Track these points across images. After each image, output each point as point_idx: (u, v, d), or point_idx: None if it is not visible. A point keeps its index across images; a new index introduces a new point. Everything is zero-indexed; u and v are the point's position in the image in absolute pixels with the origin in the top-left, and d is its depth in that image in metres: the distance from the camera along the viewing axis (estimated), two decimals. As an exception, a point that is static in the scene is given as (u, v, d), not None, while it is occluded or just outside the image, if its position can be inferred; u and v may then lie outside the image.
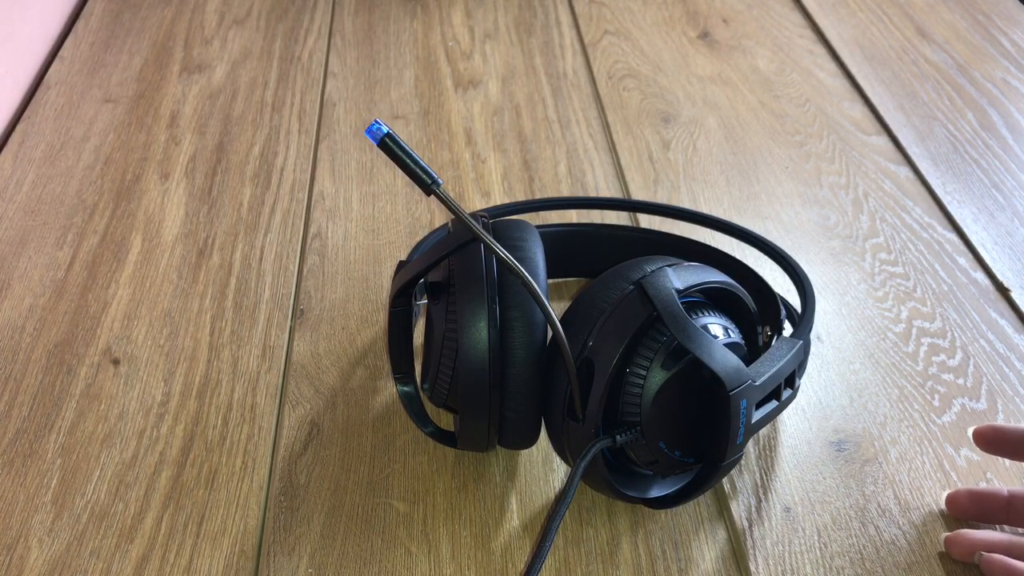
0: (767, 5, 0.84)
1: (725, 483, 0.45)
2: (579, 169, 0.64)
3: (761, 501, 0.44)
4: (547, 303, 0.37)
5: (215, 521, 0.43)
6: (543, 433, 0.42)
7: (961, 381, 0.50)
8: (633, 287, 0.38)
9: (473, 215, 0.39)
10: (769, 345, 0.42)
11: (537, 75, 0.74)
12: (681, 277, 0.38)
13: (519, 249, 0.40)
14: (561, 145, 0.67)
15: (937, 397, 0.49)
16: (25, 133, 0.69)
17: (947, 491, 0.44)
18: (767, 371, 0.38)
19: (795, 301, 0.49)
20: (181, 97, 0.72)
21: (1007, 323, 0.53)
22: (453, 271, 0.39)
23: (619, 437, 0.38)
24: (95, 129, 0.69)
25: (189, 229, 0.60)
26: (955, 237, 0.59)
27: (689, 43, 0.79)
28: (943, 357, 0.51)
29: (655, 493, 0.42)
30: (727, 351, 0.37)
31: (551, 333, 0.37)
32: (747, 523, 0.43)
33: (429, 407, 0.45)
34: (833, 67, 0.75)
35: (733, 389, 0.36)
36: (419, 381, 0.44)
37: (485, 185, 0.63)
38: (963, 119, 0.69)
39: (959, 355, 0.51)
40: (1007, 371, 0.50)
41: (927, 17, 0.82)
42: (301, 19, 0.82)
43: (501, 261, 0.37)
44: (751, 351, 0.42)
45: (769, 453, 0.46)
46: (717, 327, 0.39)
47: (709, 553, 0.42)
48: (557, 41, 0.79)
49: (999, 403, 0.48)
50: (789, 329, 0.46)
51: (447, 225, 0.47)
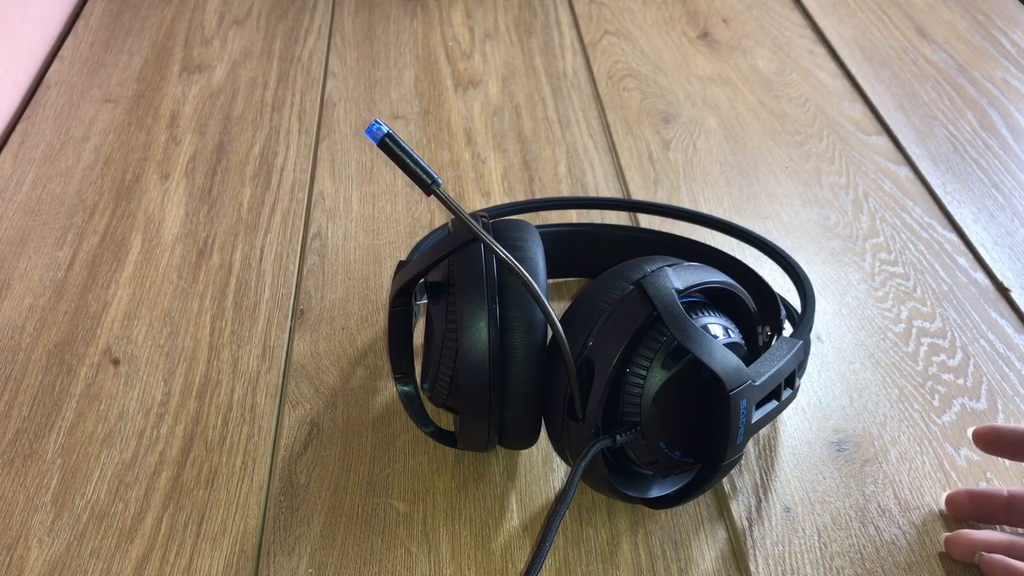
0: (767, 5, 0.84)
1: (725, 483, 0.45)
2: (579, 169, 0.64)
3: (761, 501, 0.44)
4: (547, 303, 0.37)
5: (215, 521, 0.43)
6: (543, 433, 0.42)
7: (961, 381, 0.50)
8: (633, 287, 0.38)
9: (473, 215, 0.39)
10: (769, 345, 0.42)
11: (537, 75, 0.74)
12: (681, 277, 0.38)
13: (519, 249, 0.40)
14: (561, 145, 0.67)
15: (937, 397, 0.49)
16: (25, 133, 0.69)
17: (947, 491, 0.44)
18: (767, 371, 0.38)
19: (795, 301, 0.49)
20: (181, 97, 0.72)
21: (1007, 323, 0.53)
22: (453, 271, 0.39)
23: (619, 437, 0.38)
24: (95, 129, 0.69)
25: (189, 229, 0.60)
26: (955, 237, 0.59)
27: (689, 43, 0.79)
28: (943, 357, 0.51)
29: (655, 493, 0.42)
30: (727, 351, 0.37)
31: (551, 333, 0.37)
32: (747, 523, 0.43)
33: (429, 407, 0.45)
34: (833, 67, 0.75)
35: (733, 389, 0.36)
36: (419, 381, 0.44)
37: (485, 185, 0.63)
38: (963, 119, 0.69)
39: (959, 355, 0.51)
40: (1007, 371, 0.50)
41: (927, 17, 0.82)
42: (301, 19, 0.82)
43: (501, 261, 0.37)
44: (751, 351, 0.42)
45: (769, 453, 0.46)
46: (717, 327, 0.39)
47: (709, 553, 0.42)
48: (557, 41, 0.79)
49: (999, 403, 0.48)
50: (789, 329, 0.46)
51: (447, 225, 0.47)
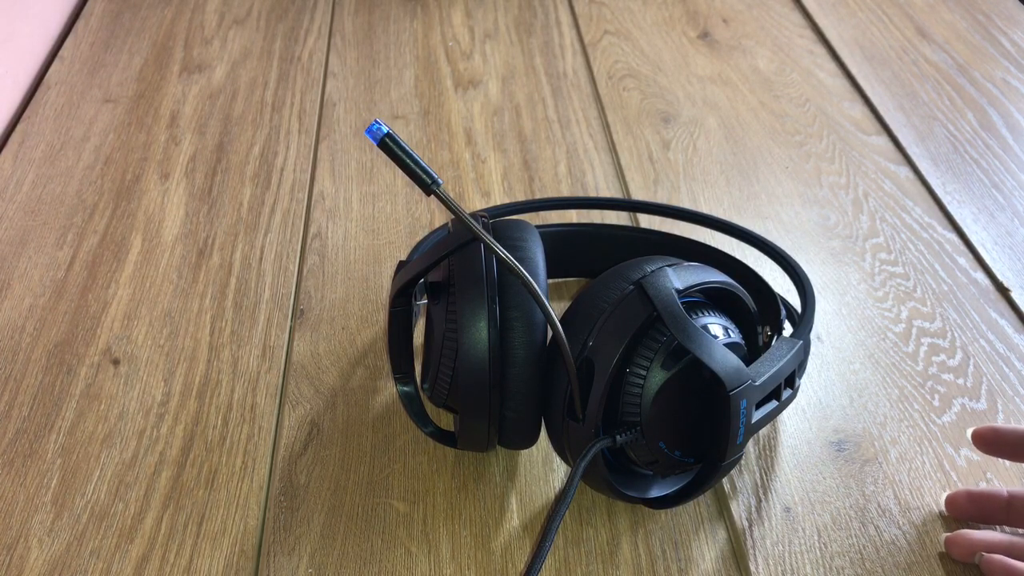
0: (767, 5, 0.84)
1: (725, 483, 0.45)
2: (579, 169, 0.64)
3: (761, 501, 0.44)
4: (547, 303, 0.37)
5: (215, 521, 0.43)
6: (543, 433, 0.42)
7: (961, 381, 0.50)
8: (633, 287, 0.38)
9: (473, 215, 0.39)
10: (769, 345, 0.42)
11: (537, 75, 0.74)
12: (681, 277, 0.38)
13: (519, 249, 0.40)
14: (561, 145, 0.67)
15: (937, 397, 0.49)
16: (25, 133, 0.69)
17: (947, 491, 0.44)
18: (767, 371, 0.38)
19: (795, 301, 0.49)
20: (181, 97, 0.72)
21: (1007, 323, 0.53)
22: (453, 271, 0.39)
23: (619, 437, 0.38)
24: (95, 129, 0.69)
25: (189, 229, 0.60)
26: (955, 237, 0.59)
27: (689, 43, 0.79)
28: (943, 357, 0.51)
29: (655, 493, 0.42)
30: (727, 351, 0.37)
31: (551, 333, 0.37)
32: (747, 523, 0.43)
33: (429, 407, 0.45)
34: (833, 67, 0.75)
35: (733, 389, 0.36)
36: (419, 381, 0.44)
37: (485, 185, 0.63)
38: (963, 119, 0.69)
39: (959, 355, 0.51)
40: (1007, 371, 0.50)
41: (927, 17, 0.82)
42: (301, 19, 0.82)
43: (501, 261, 0.37)
44: (751, 351, 0.42)
45: (769, 453, 0.46)
46: (717, 327, 0.39)
47: (709, 553, 0.42)
48: (557, 41, 0.79)
49: (999, 403, 0.48)
50: (789, 329, 0.46)
51: (447, 225, 0.47)
